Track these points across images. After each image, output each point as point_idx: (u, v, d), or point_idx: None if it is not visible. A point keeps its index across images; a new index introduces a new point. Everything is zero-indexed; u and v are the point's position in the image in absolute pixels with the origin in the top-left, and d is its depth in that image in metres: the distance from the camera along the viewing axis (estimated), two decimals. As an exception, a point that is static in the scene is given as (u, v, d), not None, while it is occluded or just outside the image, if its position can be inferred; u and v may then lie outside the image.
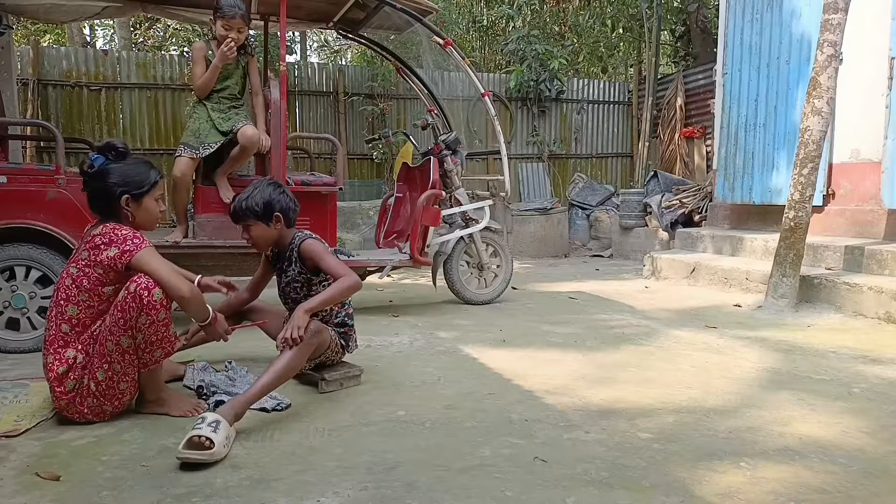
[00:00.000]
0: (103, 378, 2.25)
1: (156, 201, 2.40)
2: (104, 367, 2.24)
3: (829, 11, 4.25)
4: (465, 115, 9.39)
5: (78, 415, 2.28)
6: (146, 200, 2.36)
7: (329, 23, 4.89)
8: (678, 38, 10.81)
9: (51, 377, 2.25)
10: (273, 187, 2.70)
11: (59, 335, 2.26)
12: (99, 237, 2.26)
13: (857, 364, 3.10)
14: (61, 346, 2.26)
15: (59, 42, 12.26)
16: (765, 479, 1.86)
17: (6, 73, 5.46)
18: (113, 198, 2.30)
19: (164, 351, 2.33)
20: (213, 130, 3.80)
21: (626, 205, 8.02)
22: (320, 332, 2.54)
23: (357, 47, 11.50)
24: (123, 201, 2.31)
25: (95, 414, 2.29)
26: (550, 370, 3.00)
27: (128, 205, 2.32)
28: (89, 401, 2.26)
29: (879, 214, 4.95)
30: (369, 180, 9.24)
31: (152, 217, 2.41)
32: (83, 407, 2.27)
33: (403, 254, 4.50)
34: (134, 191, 2.32)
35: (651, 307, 4.64)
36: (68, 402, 2.25)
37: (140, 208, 2.35)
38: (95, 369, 2.25)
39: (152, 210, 2.39)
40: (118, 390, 2.29)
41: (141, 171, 2.36)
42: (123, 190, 2.30)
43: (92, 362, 2.25)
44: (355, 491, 1.79)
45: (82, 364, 2.25)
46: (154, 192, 2.39)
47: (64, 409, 2.28)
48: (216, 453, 1.95)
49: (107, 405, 2.29)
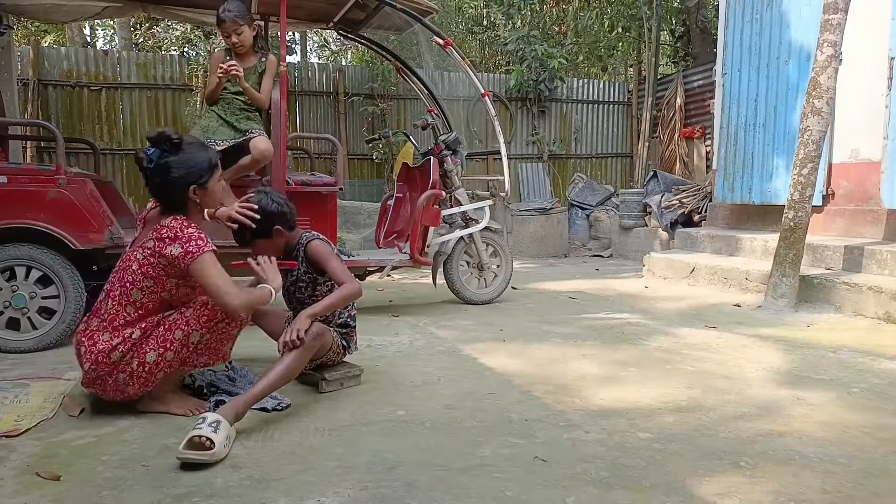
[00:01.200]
0: (152, 361, 2.26)
1: (218, 181, 2.39)
2: (160, 350, 2.26)
3: (829, 11, 4.25)
4: (465, 115, 9.39)
5: (100, 389, 2.30)
6: (211, 185, 2.35)
7: (329, 23, 4.90)
8: (678, 38, 10.81)
9: (98, 348, 2.23)
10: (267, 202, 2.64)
11: (122, 314, 2.26)
12: (166, 230, 2.23)
13: (857, 364, 3.11)
14: (121, 325, 2.26)
15: (60, 42, 12.26)
16: (765, 479, 1.86)
17: (6, 73, 5.46)
18: (179, 191, 2.28)
19: (208, 360, 2.39)
20: (223, 128, 3.79)
21: (626, 205, 8.03)
22: (323, 335, 2.55)
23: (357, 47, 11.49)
24: (191, 192, 2.29)
25: (116, 390, 2.29)
26: (550, 370, 3.00)
27: (195, 194, 2.31)
28: (120, 377, 2.26)
29: (879, 214, 4.95)
30: (369, 180, 9.25)
31: (217, 198, 2.42)
32: (110, 379, 2.26)
33: (403, 254, 4.51)
34: (199, 180, 2.30)
35: (651, 307, 4.64)
36: (106, 372, 2.24)
37: (206, 194, 2.34)
38: (148, 350, 2.26)
39: (217, 192, 2.39)
40: (154, 377, 2.30)
41: (201, 159, 2.32)
42: (191, 182, 2.28)
43: (147, 342, 2.26)
44: (355, 491, 1.79)
45: (134, 341, 2.26)
46: (216, 173, 2.37)
47: (89, 381, 2.29)
48: (216, 453, 1.95)
49: (132, 387, 2.29)
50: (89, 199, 3.41)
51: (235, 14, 3.70)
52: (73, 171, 3.53)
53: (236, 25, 3.70)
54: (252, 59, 3.88)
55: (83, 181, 3.43)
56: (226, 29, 3.70)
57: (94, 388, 2.32)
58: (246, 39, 3.77)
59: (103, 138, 8.12)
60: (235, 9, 3.71)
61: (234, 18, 3.69)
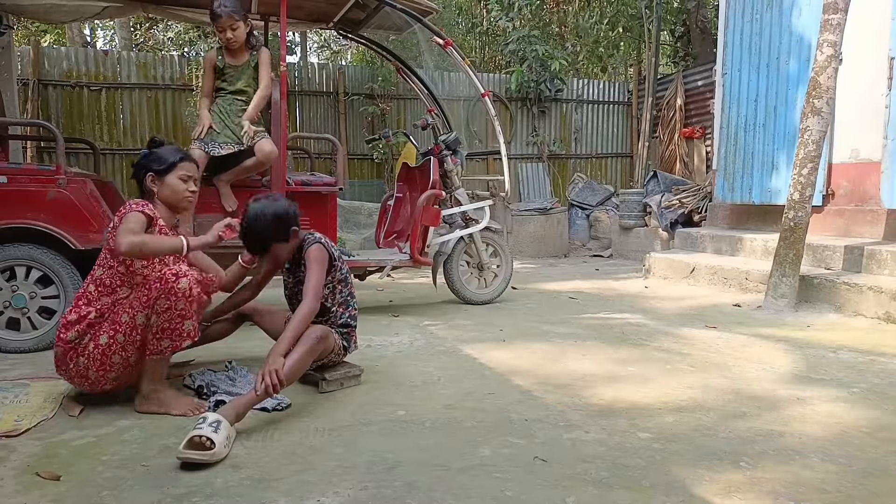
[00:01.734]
0: (104, 343, 2.32)
1: (181, 181, 2.56)
2: (110, 332, 2.32)
3: (828, 11, 4.25)
4: (465, 115, 9.39)
5: (64, 370, 2.38)
6: (169, 178, 2.53)
7: (329, 23, 4.90)
8: (678, 38, 10.82)
9: (61, 323, 2.37)
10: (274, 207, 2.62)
11: (85, 293, 2.41)
12: (124, 207, 2.42)
13: (857, 364, 3.11)
14: (84, 303, 2.38)
15: (60, 42, 12.26)
16: (765, 479, 1.86)
17: (6, 73, 5.47)
18: (141, 175, 2.54)
19: (172, 343, 2.36)
20: (226, 131, 3.78)
21: (626, 205, 8.03)
22: (326, 338, 2.55)
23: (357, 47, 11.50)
24: (148, 179, 2.52)
25: (79, 375, 2.36)
26: (550, 370, 3.00)
27: (153, 182, 2.52)
28: (80, 360, 2.33)
29: (879, 214, 4.95)
30: (369, 180, 9.25)
31: (178, 194, 2.56)
32: (71, 363, 2.34)
33: (403, 254, 4.51)
34: (156, 167, 2.52)
35: (651, 307, 4.64)
36: (64, 351, 2.35)
37: (164, 185, 2.53)
38: (101, 332, 2.33)
39: (176, 187, 2.55)
40: (110, 361, 2.33)
41: (166, 153, 2.57)
42: (148, 169, 2.53)
43: (102, 325, 2.34)
44: (355, 491, 1.79)
45: (90, 322, 2.34)
46: (176, 171, 2.55)
47: (57, 361, 2.39)
48: (217, 453, 1.95)
49: (92, 371, 2.34)
50: (89, 198, 3.41)
51: (231, 9, 3.67)
52: (73, 171, 3.52)
53: (232, 20, 3.68)
54: (245, 55, 3.86)
55: (83, 181, 3.43)
56: (221, 24, 3.68)
57: (61, 371, 2.40)
58: (240, 35, 3.76)
59: (103, 138, 8.12)
60: (231, 3, 3.69)
61: (229, 13, 3.66)
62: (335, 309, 2.76)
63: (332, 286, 2.75)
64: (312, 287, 2.54)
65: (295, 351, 2.40)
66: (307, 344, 2.42)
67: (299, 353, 2.39)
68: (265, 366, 2.27)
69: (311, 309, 2.49)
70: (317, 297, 2.52)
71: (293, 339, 2.40)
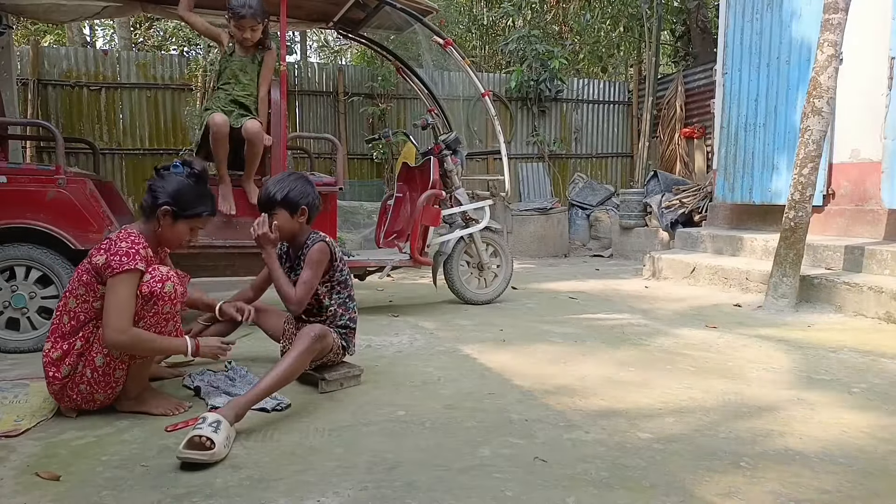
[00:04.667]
0: (101, 364, 2.27)
1: (190, 230, 2.43)
2: (104, 351, 2.26)
3: (829, 11, 4.25)
4: (465, 115, 9.39)
5: (68, 401, 2.32)
6: (181, 223, 2.39)
7: (329, 23, 4.89)
8: (678, 38, 10.82)
9: (46, 361, 2.28)
10: (303, 181, 2.71)
11: (60, 325, 2.31)
12: (107, 242, 2.28)
13: (857, 364, 3.10)
14: (59, 337, 2.29)
15: (59, 42, 12.25)
16: (765, 479, 1.86)
17: (6, 73, 5.46)
18: (157, 203, 2.34)
19: None
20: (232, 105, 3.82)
21: (626, 205, 8.02)
22: (325, 337, 2.54)
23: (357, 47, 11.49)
24: (161, 211, 2.34)
25: (85, 401, 2.31)
26: (550, 370, 3.00)
27: (164, 216, 2.35)
28: (81, 388, 2.28)
29: (879, 214, 4.95)
30: (369, 180, 9.25)
31: (177, 240, 2.44)
32: (73, 393, 2.29)
33: (403, 254, 4.50)
34: (176, 208, 2.35)
35: (651, 307, 4.64)
36: (61, 387, 2.29)
37: (171, 227, 2.38)
38: (95, 355, 2.27)
39: (180, 234, 2.42)
40: (113, 378, 2.30)
41: (197, 197, 2.40)
42: (168, 201, 2.34)
43: (91, 349, 2.28)
44: (355, 491, 1.79)
45: (79, 351, 2.28)
46: (193, 222, 2.42)
47: (56, 395, 2.32)
48: (217, 453, 1.94)
49: (98, 393, 2.30)
50: (89, 198, 3.41)
51: (255, 10, 3.74)
52: (72, 171, 3.52)
53: (254, 22, 3.75)
54: (252, 49, 3.91)
55: (83, 181, 3.43)
56: (243, 24, 3.73)
57: (65, 403, 2.33)
58: (257, 36, 3.83)
59: (103, 138, 8.12)
60: (256, 5, 3.75)
61: (254, 15, 3.73)
62: (334, 309, 2.76)
63: (330, 286, 2.74)
64: (303, 281, 2.56)
65: (293, 349, 2.40)
66: (305, 342, 2.42)
67: (297, 351, 2.39)
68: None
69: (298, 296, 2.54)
70: (306, 292, 2.53)
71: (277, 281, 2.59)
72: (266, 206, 2.67)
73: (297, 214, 2.66)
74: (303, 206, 2.65)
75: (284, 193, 2.63)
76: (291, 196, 2.64)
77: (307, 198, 2.67)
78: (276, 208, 2.64)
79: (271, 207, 2.65)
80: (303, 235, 2.72)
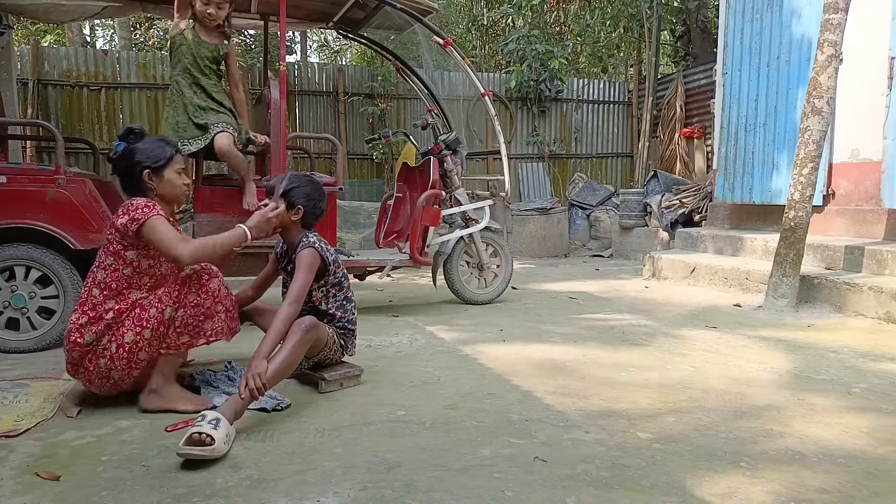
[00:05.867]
0: (130, 340, 2.30)
1: (177, 174, 2.52)
2: (136, 329, 2.30)
3: (829, 11, 4.25)
4: (465, 115, 9.39)
5: (83, 372, 2.34)
6: (166, 173, 2.48)
7: (329, 23, 4.89)
8: (678, 38, 10.82)
9: (70, 328, 2.32)
10: (313, 186, 2.71)
11: (89, 298, 2.36)
12: (122, 208, 2.38)
13: (857, 364, 3.10)
14: (90, 308, 2.33)
15: (59, 42, 12.26)
16: (765, 479, 1.86)
17: (6, 73, 5.47)
18: (136, 175, 2.44)
19: (190, 340, 2.38)
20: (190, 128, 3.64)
21: (626, 205, 8.02)
22: (316, 327, 2.53)
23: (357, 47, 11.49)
24: (145, 176, 2.44)
25: (100, 376, 2.33)
26: (550, 370, 3.00)
27: (150, 179, 2.45)
28: (101, 362, 2.30)
29: (879, 214, 4.95)
30: (369, 180, 9.25)
31: (176, 189, 2.52)
32: (91, 365, 2.31)
33: (403, 254, 4.50)
34: (153, 164, 2.45)
35: (651, 307, 4.64)
36: (80, 355, 2.31)
37: (162, 181, 2.48)
38: (126, 331, 2.30)
39: (175, 181, 2.51)
40: (136, 358, 2.32)
41: (157, 147, 2.49)
42: (144, 166, 2.44)
43: (123, 324, 2.31)
44: (355, 491, 1.79)
45: (108, 322, 2.30)
46: (173, 165, 2.50)
47: (72, 364, 2.34)
48: (216, 449, 1.95)
49: (116, 371, 2.32)
50: (88, 198, 3.41)
51: None
52: (72, 171, 3.52)
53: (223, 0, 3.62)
54: (215, 36, 3.73)
55: (82, 181, 3.43)
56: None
57: (79, 376, 2.37)
58: (222, 15, 3.69)
59: (103, 138, 8.12)
60: None
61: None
62: (332, 312, 2.75)
63: (325, 290, 2.74)
64: (295, 291, 2.52)
65: (286, 343, 2.40)
66: (297, 335, 2.43)
67: (291, 344, 2.40)
68: (248, 370, 2.26)
69: (292, 312, 2.47)
70: (298, 301, 2.51)
71: (275, 341, 2.39)
72: (269, 191, 2.71)
73: (292, 212, 2.65)
74: (298, 206, 2.65)
75: (286, 186, 2.64)
76: (291, 191, 2.63)
77: (307, 201, 2.66)
78: (276, 196, 2.65)
79: (272, 193, 2.67)
80: (296, 235, 2.71)
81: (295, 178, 2.70)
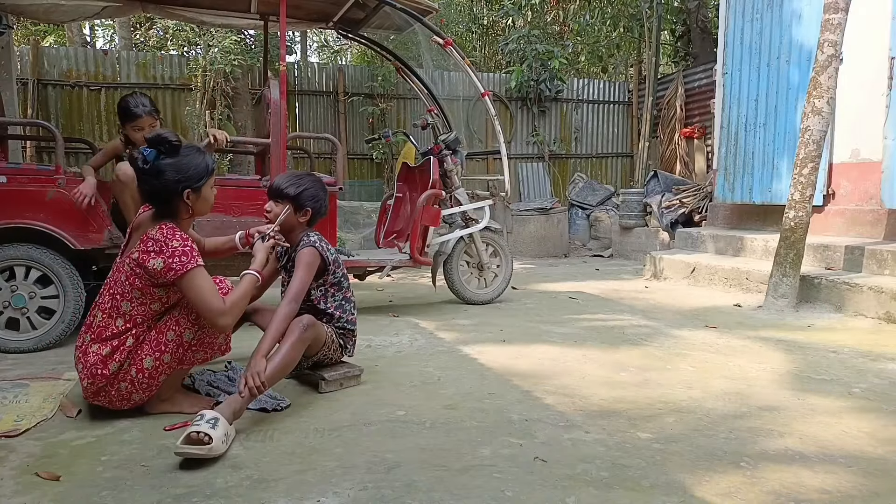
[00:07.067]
0: (150, 367, 2.25)
1: (212, 187, 2.38)
2: (155, 355, 2.25)
3: (829, 11, 4.25)
4: (465, 115, 9.39)
5: (104, 397, 2.27)
6: (204, 189, 2.32)
7: (329, 23, 4.89)
8: (678, 38, 10.81)
9: (91, 361, 2.21)
10: (317, 185, 2.71)
11: (111, 326, 2.24)
12: (152, 242, 2.19)
13: (858, 364, 3.10)
14: (111, 336, 2.23)
15: (59, 42, 12.25)
16: (765, 479, 1.86)
17: (6, 73, 5.47)
18: (174, 194, 2.24)
19: (204, 355, 2.38)
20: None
21: (626, 205, 8.02)
22: (314, 325, 2.53)
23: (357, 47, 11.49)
24: (185, 196, 2.26)
25: (121, 399, 2.28)
26: (550, 370, 3.00)
27: (188, 198, 2.27)
28: (122, 385, 2.25)
29: (879, 214, 4.95)
30: (369, 180, 9.25)
31: (209, 204, 2.38)
32: (112, 390, 2.26)
33: (403, 254, 4.50)
34: (195, 184, 2.27)
35: (651, 307, 4.64)
36: (107, 384, 2.23)
37: (199, 198, 2.32)
38: (144, 356, 2.25)
39: (209, 197, 2.37)
40: (156, 382, 2.29)
41: (198, 162, 2.29)
42: (185, 185, 2.24)
43: (141, 349, 2.25)
44: (355, 491, 1.79)
45: (129, 349, 2.24)
46: (211, 180, 2.36)
47: (93, 393, 2.26)
48: (214, 448, 1.95)
49: (136, 394, 2.29)
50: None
51: (150, 108, 3.61)
52: (72, 171, 3.52)
53: (152, 119, 3.60)
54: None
55: (82, 181, 3.42)
56: (140, 123, 3.55)
57: (99, 400, 2.30)
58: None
59: (103, 138, 8.12)
60: (149, 103, 3.63)
61: (149, 112, 3.59)
62: (331, 312, 2.75)
63: (324, 289, 2.74)
64: (293, 289, 2.52)
65: (284, 342, 2.40)
66: (296, 333, 2.42)
67: (289, 342, 2.40)
68: (247, 369, 2.27)
69: (290, 310, 2.47)
70: (296, 299, 2.51)
71: (274, 339, 2.38)
72: (275, 194, 2.67)
73: (301, 214, 2.65)
74: (307, 208, 2.65)
75: (295, 189, 2.62)
76: (302, 194, 2.63)
77: (314, 202, 2.67)
78: (282, 199, 2.64)
79: (280, 197, 2.65)
80: (299, 234, 2.72)
81: (299, 180, 2.67)
